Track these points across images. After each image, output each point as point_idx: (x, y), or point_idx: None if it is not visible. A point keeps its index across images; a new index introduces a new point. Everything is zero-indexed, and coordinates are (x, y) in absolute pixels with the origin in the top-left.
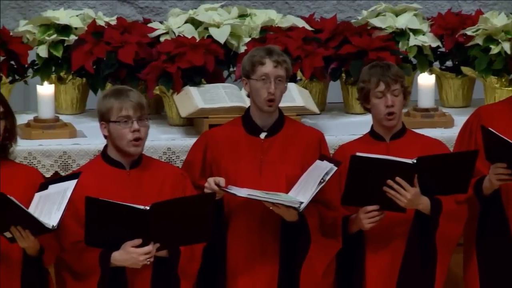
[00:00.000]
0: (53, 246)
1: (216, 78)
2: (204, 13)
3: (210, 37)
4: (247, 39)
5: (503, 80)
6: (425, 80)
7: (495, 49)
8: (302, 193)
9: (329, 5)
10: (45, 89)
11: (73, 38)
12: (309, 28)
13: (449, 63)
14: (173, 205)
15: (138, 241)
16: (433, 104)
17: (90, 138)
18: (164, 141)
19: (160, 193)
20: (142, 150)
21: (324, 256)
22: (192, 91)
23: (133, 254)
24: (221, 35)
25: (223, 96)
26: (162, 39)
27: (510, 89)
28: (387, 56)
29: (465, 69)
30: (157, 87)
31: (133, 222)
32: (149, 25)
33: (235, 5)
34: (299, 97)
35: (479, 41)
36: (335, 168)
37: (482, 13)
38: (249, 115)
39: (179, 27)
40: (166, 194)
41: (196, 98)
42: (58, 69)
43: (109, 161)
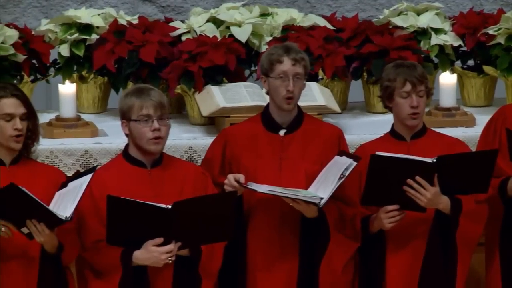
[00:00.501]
0: (74, 244)
1: (237, 77)
2: (225, 12)
3: (231, 36)
4: (268, 38)
5: None
6: (447, 79)
7: None
8: (321, 188)
9: (350, 4)
10: (67, 88)
11: (94, 37)
12: (331, 27)
13: (470, 62)
14: (195, 204)
15: (160, 240)
16: (454, 103)
17: (111, 137)
18: (185, 140)
19: (181, 192)
20: (163, 149)
21: (343, 253)
22: (214, 90)
23: (154, 253)
24: (242, 34)
25: (245, 95)
26: (183, 38)
27: None
28: (409, 55)
29: (487, 68)
30: (178, 86)
31: (155, 221)
32: (171, 24)
33: (256, 4)
34: (321, 96)
35: (501, 40)
36: (355, 163)
37: (504, 12)
38: (268, 112)
39: (200, 26)
40: (187, 193)
41: (218, 97)
42: (79, 68)
43: (131, 160)
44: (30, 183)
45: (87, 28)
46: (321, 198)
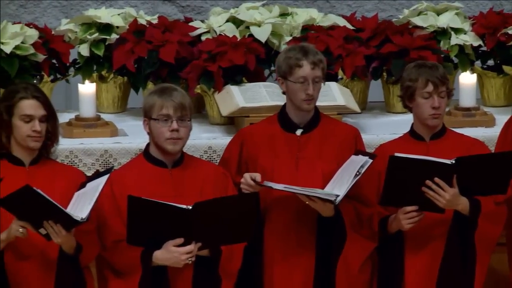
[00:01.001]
0: (93, 244)
1: (257, 77)
2: (245, 12)
3: (251, 36)
4: (288, 38)
5: None
6: (467, 79)
7: None
8: (337, 187)
9: (370, 4)
10: (87, 88)
11: (114, 37)
12: (350, 27)
13: (490, 62)
14: (216, 205)
15: (180, 240)
16: (474, 103)
17: (131, 137)
18: (205, 140)
19: (201, 192)
20: (181, 149)
21: (360, 252)
22: (233, 90)
23: (175, 253)
24: (262, 34)
25: (264, 95)
26: (203, 38)
27: None
28: (429, 55)
29: (507, 68)
30: (198, 86)
31: (175, 221)
32: (191, 24)
33: (276, 4)
34: (340, 96)
35: None
36: (370, 160)
37: None
38: (285, 112)
39: (220, 26)
40: (207, 193)
41: (237, 97)
42: (99, 67)
43: (151, 159)
44: (49, 183)
45: (107, 28)
46: (337, 195)
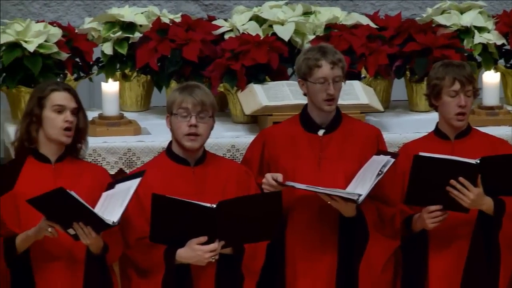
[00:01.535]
0: (118, 243)
1: (280, 75)
2: (268, 10)
3: (274, 34)
4: (311, 37)
5: None
6: (490, 78)
7: None
8: (360, 186)
9: (393, 2)
10: (110, 86)
11: (137, 35)
12: (374, 26)
13: None
14: (240, 204)
15: (204, 238)
16: (498, 102)
17: (154, 135)
18: (228, 139)
19: (224, 190)
20: (200, 147)
21: (383, 252)
22: (256, 88)
23: (198, 251)
24: (285, 32)
25: (287, 94)
26: (226, 36)
27: None
28: (452, 54)
29: None
30: (221, 85)
31: (199, 219)
32: (214, 22)
33: (299, 2)
34: (363, 95)
35: None
36: (393, 159)
37: None
38: (307, 112)
39: (243, 24)
40: (230, 192)
41: (260, 96)
42: (122, 66)
43: (174, 157)
44: (75, 181)
45: (130, 27)
46: (360, 195)
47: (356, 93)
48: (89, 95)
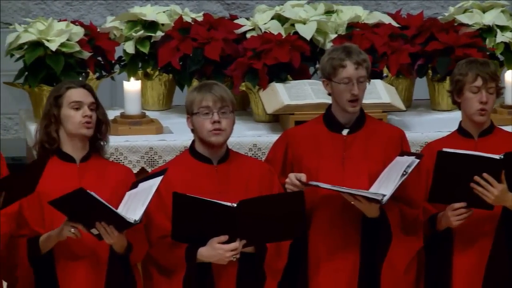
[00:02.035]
0: (142, 243)
1: (302, 74)
2: (290, 9)
3: (296, 33)
4: (333, 36)
5: None
6: None
7: None
8: (383, 187)
9: (415, 1)
10: (132, 85)
11: (159, 34)
12: (396, 25)
13: None
14: (261, 203)
15: (225, 237)
16: None
17: (176, 134)
18: (250, 138)
19: (247, 188)
20: (225, 141)
21: (406, 253)
22: (278, 87)
23: (219, 250)
24: (307, 31)
25: (309, 93)
26: (248, 35)
27: None
28: (474, 53)
29: None
30: (243, 84)
31: (220, 218)
32: (236, 21)
33: (321, 1)
34: (385, 94)
35: None
36: (417, 160)
37: None
38: (331, 112)
39: (265, 23)
40: (253, 189)
41: (282, 95)
42: (144, 65)
43: (197, 156)
44: (100, 181)
45: (152, 25)
46: (384, 195)
47: (378, 92)
48: (111, 94)
